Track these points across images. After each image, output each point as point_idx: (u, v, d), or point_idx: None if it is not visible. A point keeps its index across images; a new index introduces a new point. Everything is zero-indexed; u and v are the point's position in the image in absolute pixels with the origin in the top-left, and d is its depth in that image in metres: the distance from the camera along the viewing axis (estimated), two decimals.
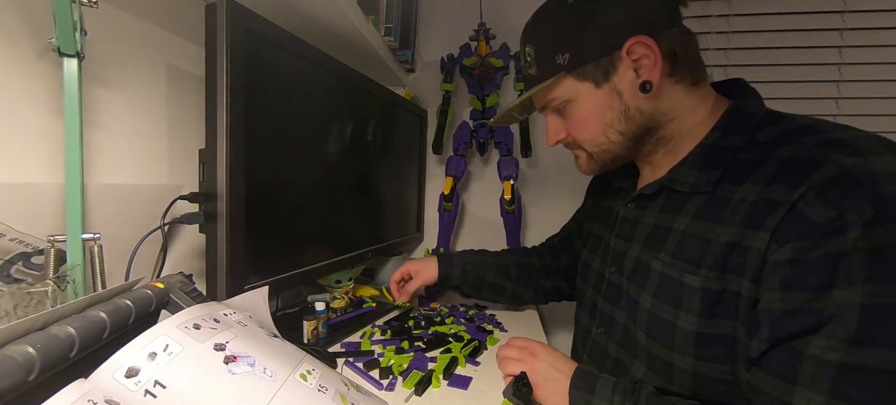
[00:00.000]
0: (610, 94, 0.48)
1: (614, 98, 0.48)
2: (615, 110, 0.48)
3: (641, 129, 0.49)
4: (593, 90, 0.48)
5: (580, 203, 1.15)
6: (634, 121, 0.48)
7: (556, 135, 0.55)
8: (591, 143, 0.52)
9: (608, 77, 0.47)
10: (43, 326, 0.28)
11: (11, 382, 0.23)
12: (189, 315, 0.35)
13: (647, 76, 0.45)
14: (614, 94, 0.47)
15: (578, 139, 0.53)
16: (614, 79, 0.47)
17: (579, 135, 0.52)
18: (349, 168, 0.79)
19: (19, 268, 0.42)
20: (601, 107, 0.48)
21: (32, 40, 0.44)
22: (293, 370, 0.37)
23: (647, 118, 0.48)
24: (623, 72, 0.46)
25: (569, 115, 0.52)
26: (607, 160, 0.53)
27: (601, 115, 0.49)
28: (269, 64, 0.56)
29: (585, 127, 0.51)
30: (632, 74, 0.46)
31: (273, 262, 0.60)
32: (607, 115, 0.49)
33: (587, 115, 0.50)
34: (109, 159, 0.53)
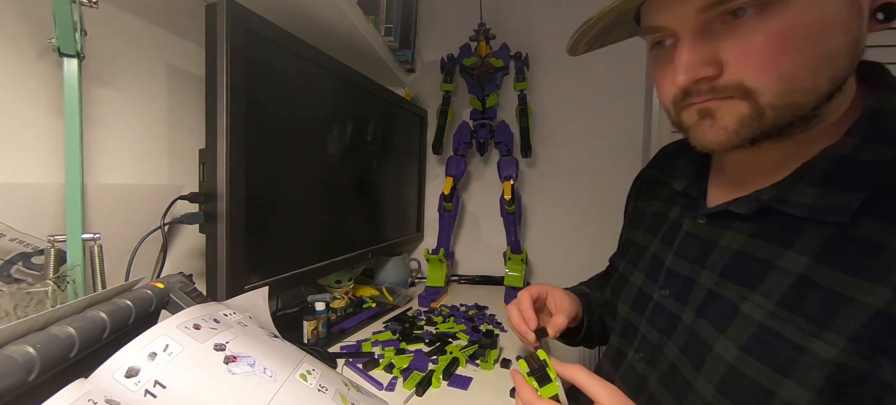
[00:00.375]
0: (851, 6, 0.30)
1: (855, 15, 0.31)
2: (850, 35, 0.31)
3: (841, 82, 0.33)
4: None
5: (579, 202, 1.15)
6: (853, 63, 0.33)
7: (706, 66, 0.33)
8: (784, 84, 0.32)
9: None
10: (43, 326, 0.28)
11: (11, 382, 0.23)
12: (189, 315, 0.35)
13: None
14: (856, 8, 0.31)
15: (761, 75, 0.32)
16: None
17: (771, 65, 0.31)
18: (349, 168, 0.79)
19: (19, 268, 0.42)
20: (835, 22, 0.30)
21: (33, 40, 0.44)
22: (293, 370, 0.37)
23: (853, 68, 0.33)
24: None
25: (758, 29, 0.31)
26: (778, 127, 0.34)
27: (830, 36, 0.31)
28: (269, 64, 0.56)
29: (794, 51, 0.31)
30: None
31: (273, 262, 0.60)
32: (837, 38, 0.31)
33: (808, 30, 0.30)
34: (109, 159, 0.53)
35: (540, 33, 1.10)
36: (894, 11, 0.31)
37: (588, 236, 1.14)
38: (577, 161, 1.14)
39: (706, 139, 0.36)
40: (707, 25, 0.33)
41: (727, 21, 0.32)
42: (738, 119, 0.34)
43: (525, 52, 1.00)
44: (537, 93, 1.12)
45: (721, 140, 0.35)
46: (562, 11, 1.09)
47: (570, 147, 1.14)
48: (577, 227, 1.15)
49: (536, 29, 1.09)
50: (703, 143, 0.37)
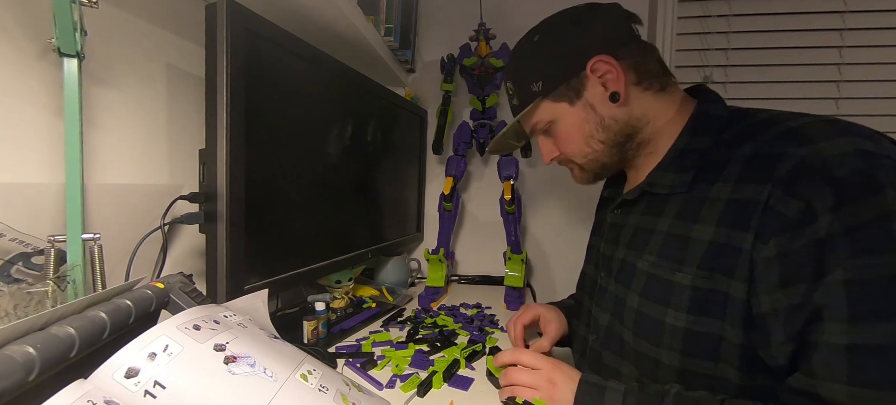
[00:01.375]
0: (584, 109, 0.53)
1: (589, 111, 0.53)
2: (592, 122, 0.53)
3: (621, 136, 0.53)
4: (569, 108, 0.54)
5: (580, 202, 1.15)
6: (611, 128, 0.53)
7: (550, 154, 0.61)
8: (578, 155, 0.56)
9: (580, 94, 0.53)
10: (43, 326, 0.28)
11: (11, 382, 0.23)
12: (189, 316, 0.35)
13: (613, 88, 0.51)
14: (588, 108, 0.53)
15: (567, 154, 0.57)
16: (586, 95, 0.52)
17: (566, 149, 0.57)
18: (349, 168, 0.79)
19: (19, 268, 0.42)
20: (579, 120, 0.54)
21: (33, 40, 0.44)
22: (294, 370, 0.37)
23: (623, 124, 0.52)
24: (592, 88, 0.52)
25: (555, 135, 0.57)
26: (597, 169, 0.57)
27: (580, 127, 0.54)
28: (269, 64, 0.56)
29: (570, 141, 0.56)
30: (600, 89, 0.51)
31: (273, 262, 0.60)
32: (586, 127, 0.54)
33: (569, 130, 0.55)
34: (109, 159, 0.53)
35: None
36: (617, 97, 0.50)
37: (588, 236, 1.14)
38: None
39: (576, 181, 0.62)
40: (540, 135, 0.61)
41: (547, 133, 0.59)
42: (578, 170, 0.60)
43: None
44: None
45: (579, 182, 0.62)
46: None
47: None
48: (577, 227, 1.15)
49: None
50: (578, 182, 0.62)
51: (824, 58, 1.04)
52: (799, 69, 1.06)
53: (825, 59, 1.04)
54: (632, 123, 0.52)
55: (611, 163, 0.56)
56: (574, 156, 0.57)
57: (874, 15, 1.01)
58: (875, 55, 1.02)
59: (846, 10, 1.02)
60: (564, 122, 0.55)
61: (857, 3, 1.01)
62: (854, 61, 1.03)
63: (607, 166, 0.56)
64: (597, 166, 0.56)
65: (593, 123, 0.53)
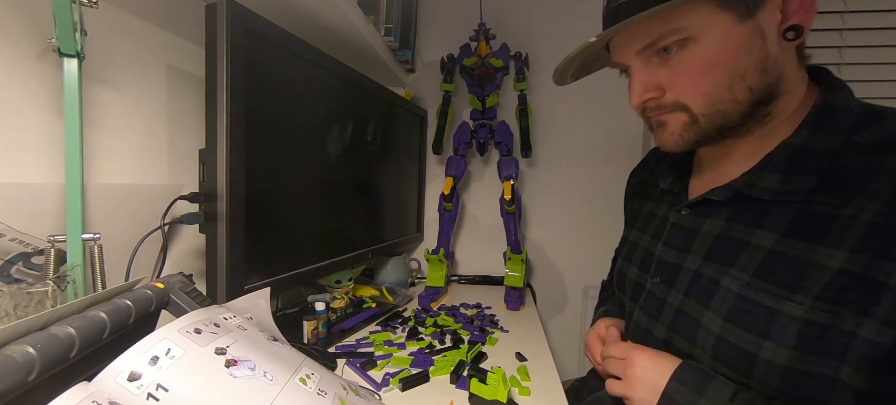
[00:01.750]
0: (752, 34, 0.38)
1: (756, 40, 0.38)
2: (755, 56, 0.39)
3: (769, 92, 0.40)
4: (734, 25, 0.38)
5: (580, 202, 1.15)
6: (769, 76, 0.39)
7: (651, 90, 0.43)
8: (707, 98, 0.41)
9: (754, 12, 0.38)
10: (43, 326, 0.28)
11: (11, 382, 0.23)
12: (190, 319, 0.35)
13: (798, 18, 0.38)
14: (757, 34, 0.38)
15: (690, 93, 0.41)
16: (760, 16, 0.38)
17: (695, 86, 0.41)
18: (349, 168, 0.79)
19: (19, 268, 0.42)
20: (738, 49, 0.39)
21: (33, 40, 0.44)
22: (293, 374, 0.37)
23: (776, 78, 0.40)
24: (770, 10, 0.38)
25: (684, 60, 0.40)
26: (714, 128, 0.42)
27: (736, 60, 0.39)
28: (269, 64, 0.56)
29: (710, 74, 0.40)
30: (777, 15, 0.38)
31: (273, 263, 0.60)
32: (743, 61, 0.39)
33: (717, 57, 0.39)
34: (109, 159, 0.53)
35: (540, 33, 1.10)
36: (801, 30, 0.38)
37: (588, 236, 1.14)
38: (577, 161, 1.14)
39: (663, 143, 0.46)
40: (646, 60, 0.43)
41: (661, 56, 0.42)
42: (681, 125, 0.43)
43: (525, 53, 0.99)
44: (537, 93, 1.12)
45: (674, 142, 0.45)
46: (562, 12, 1.09)
47: (570, 147, 1.14)
48: (578, 227, 1.15)
49: (536, 29, 1.09)
50: (662, 145, 0.47)
51: (824, 58, 1.04)
52: None
53: (825, 59, 1.04)
54: (781, 83, 0.40)
55: (735, 125, 0.42)
56: (698, 99, 0.41)
57: (874, 15, 1.01)
58: (875, 55, 1.02)
59: (846, 9, 1.02)
60: (715, 43, 0.39)
61: (857, 3, 1.01)
62: (854, 61, 1.03)
63: (726, 130, 0.42)
64: (718, 124, 0.42)
65: (755, 58, 0.39)
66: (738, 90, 0.40)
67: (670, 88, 0.42)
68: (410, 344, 0.69)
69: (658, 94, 0.43)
